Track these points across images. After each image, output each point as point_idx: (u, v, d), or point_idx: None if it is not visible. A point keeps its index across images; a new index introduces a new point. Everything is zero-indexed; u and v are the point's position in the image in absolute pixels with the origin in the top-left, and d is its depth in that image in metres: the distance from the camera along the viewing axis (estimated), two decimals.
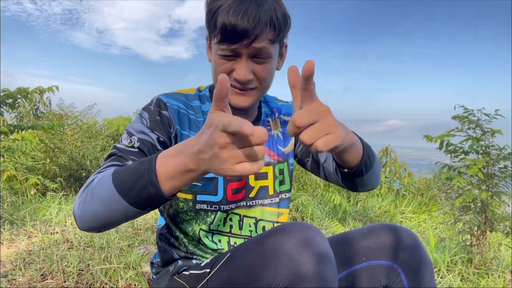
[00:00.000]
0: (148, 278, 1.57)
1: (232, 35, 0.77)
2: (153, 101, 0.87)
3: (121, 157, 0.74)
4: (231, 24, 0.75)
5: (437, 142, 2.28)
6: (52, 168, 4.02)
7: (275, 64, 0.88)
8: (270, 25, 0.78)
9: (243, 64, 0.81)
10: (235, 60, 0.81)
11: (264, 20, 0.77)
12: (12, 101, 3.08)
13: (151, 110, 0.84)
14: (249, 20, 0.75)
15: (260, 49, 0.79)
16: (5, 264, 1.64)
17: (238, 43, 0.78)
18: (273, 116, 1.03)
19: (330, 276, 0.64)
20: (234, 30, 0.76)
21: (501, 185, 2.16)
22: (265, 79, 0.85)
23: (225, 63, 0.82)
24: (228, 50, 0.80)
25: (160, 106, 0.85)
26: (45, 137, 4.05)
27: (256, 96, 0.87)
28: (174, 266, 0.92)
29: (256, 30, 0.76)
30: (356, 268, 0.90)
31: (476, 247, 2.16)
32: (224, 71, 0.82)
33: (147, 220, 2.48)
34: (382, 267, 0.88)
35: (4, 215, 2.45)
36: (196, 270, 0.85)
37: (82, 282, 1.50)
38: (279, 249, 0.64)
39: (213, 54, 0.85)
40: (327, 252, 0.65)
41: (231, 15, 0.75)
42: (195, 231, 0.90)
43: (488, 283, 1.89)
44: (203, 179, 0.87)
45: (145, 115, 0.84)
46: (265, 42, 0.79)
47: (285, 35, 0.86)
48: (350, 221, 3.37)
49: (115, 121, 8.96)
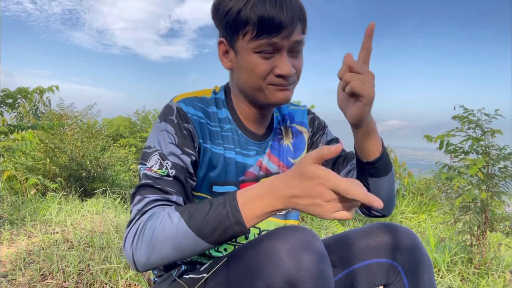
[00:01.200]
0: (148, 278, 1.57)
1: (273, 27, 0.74)
2: (174, 110, 0.81)
3: (161, 190, 0.73)
4: (270, 15, 0.73)
5: (437, 142, 2.28)
6: (52, 168, 4.02)
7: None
8: (300, 17, 0.78)
9: (286, 58, 0.78)
10: (274, 56, 0.78)
11: (297, 11, 0.76)
12: (12, 101, 3.09)
13: (175, 123, 0.80)
14: (288, 11, 0.74)
15: (298, 42, 0.78)
16: (5, 264, 1.64)
17: (279, 36, 0.75)
18: (284, 123, 1.00)
19: (326, 281, 0.63)
20: (273, 21, 0.73)
21: (501, 185, 2.16)
22: (300, 72, 0.84)
23: (264, 61, 0.78)
24: (268, 45, 0.76)
25: (182, 118, 0.80)
26: (45, 137, 4.05)
27: (293, 90, 0.86)
28: (177, 270, 0.91)
29: (293, 21, 0.75)
30: (356, 267, 0.90)
31: (476, 247, 2.16)
32: (265, 70, 0.79)
33: None
34: (382, 265, 0.87)
35: (4, 215, 2.45)
36: (195, 274, 0.85)
37: (82, 282, 1.50)
38: (273, 255, 0.63)
39: (244, 56, 0.80)
40: (322, 256, 0.64)
41: (268, 6, 0.73)
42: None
43: (488, 283, 1.89)
44: (220, 193, 0.85)
45: (170, 129, 0.79)
46: (299, 34, 0.78)
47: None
48: (350, 221, 3.37)
49: (115, 121, 8.96)
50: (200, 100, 0.87)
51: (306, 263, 0.61)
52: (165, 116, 0.81)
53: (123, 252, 0.70)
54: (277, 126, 0.98)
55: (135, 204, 0.72)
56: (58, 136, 4.14)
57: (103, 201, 2.99)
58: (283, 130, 0.99)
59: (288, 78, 0.80)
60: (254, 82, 0.81)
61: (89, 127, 4.85)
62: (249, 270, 0.66)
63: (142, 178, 0.75)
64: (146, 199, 0.72)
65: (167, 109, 0.82)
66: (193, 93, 0.89)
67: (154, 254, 0.65)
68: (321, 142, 1.02)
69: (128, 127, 8.82)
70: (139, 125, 9.15)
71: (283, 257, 0.62)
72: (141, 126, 9.13)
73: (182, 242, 0.65)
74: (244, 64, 0.80)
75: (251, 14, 0.74)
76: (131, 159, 5.93)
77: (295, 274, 0.61)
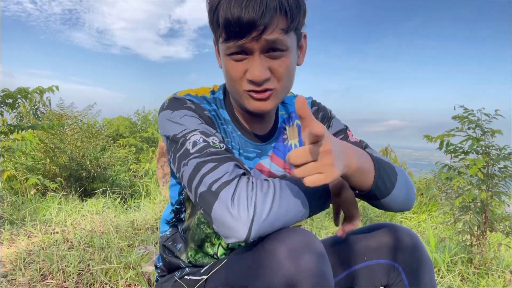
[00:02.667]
0: (148, 278, 1.57)
1: (237, 29, 0.67)
2: (186, 100, 0.78)
3: (228, 158, 0.69)
4: (234, 16, 0.66)
5: (437, 142, 2.28)
6: (52, 168, 4.02)
7: (294, 58, 0.77)
8: (281, 11, 0.68)
9: (257, 61, 0.70)
10: (247, 58, 0.72)
11: (273, 5, 0.67)
12: (12, 101, 3.09)
13: (193, 109, 0.76)
14: (255, 8, 0.65)
15: (273, 41, 0.69)
16: (5, 264, 1.64)
17: (246, 37, 0.68)
18: (290, 122, 0.94)
19: (326, 281, 0.63)
20: (238, 22, 0.66)
21: (501, 185, 2.16)
22: (283, 77, 0.74)
23: (236, 65, 0.72)
24: (236, 47, 0.70)
25: (198, 107, 0.77)
26: (45, 137, 4.05)
27: (277, 98, 0.77)
28: (180, 272, 0.90)
29: (264, 18, 0.66)
30: (356, 268, 0.89)
31: (476, 247, 2.16)
32: (237, 75, 0.73)
33: (147, 220, 2.48)
34: (383, 266, 0.87)
35: (4, 215, 2.45)
36: (196, 276, 0.84)
37: (82, 282, 1.50)
38: (272, 256, 0.62)
39: (222, 58, 0.76)
40: (322, 256, 0.64)
41: (233, 6, 0.66)
42: (214, 245, 0.86)
43: (488, 283, 1.89)
44: None
45: (190, 114, 0.75)
46: (277, 32, 0.69)
47: (301, 23, 0.75)
48: None
49: (115, 121, 8.96)
50: (204, 98, 0.84)
51: (306, 264, 0.61)
52: (177, 106, 0.77)
53: (224, 212, 0.61)
54: (282, 125, 0.93)
55: (209, 172, 0.65)
56: (58, 136, 4.14)
57: (103, 201, 2.99)
58: (288, 129, 0.93)
59: (261, 83, 0.72)
60: (232, 87, 0.77)
61: (89, 127, 4.85)
62: (249, 271, 0.66)
63: (191, 158, 0.68)
64: (224, 167, 0.66)
65: (177, 100, 0.78)
66: (194, 91, 0.85)
67: (277, 212, 0.63)
68: None
69: (128, 127, 8.82)
70: (139, 125, 9.16)
71: (283, 259, 0.61)
72: (141, 126, 9.13)
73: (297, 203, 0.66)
74: (223, 67, 0.77)
75: (220, 15, 0.69)
76: (131, 159, 5.93)
77: (294, 275, 0.60)
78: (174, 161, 0.73)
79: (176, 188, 0.90)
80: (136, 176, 5.28)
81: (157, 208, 2.82)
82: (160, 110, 0.80)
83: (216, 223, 0.63)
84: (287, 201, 0.65)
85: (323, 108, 0.98)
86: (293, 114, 0.95)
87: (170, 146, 0.74)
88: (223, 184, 0.64)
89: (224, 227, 0.62)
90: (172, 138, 0.73)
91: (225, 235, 0.63)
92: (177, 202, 0.91)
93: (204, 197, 0.64)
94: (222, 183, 0.64)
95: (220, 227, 0.63)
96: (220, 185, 0.64)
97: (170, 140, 0.74)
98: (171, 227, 0.94)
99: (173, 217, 0.93)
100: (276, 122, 0.92)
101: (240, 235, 0.61)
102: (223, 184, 0.64)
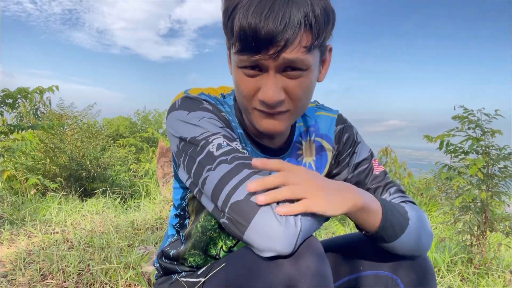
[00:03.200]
0: (148, 278, 1.57)
1: (254, 42, 0.58)
2: (202, 101, 0.72)
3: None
4: (252, 27, 0.57)
5: (437, 142, 2.28)
6: (52, 168, 4.02)
7: (315, 75, 0.68)
8: (305, 26, 0.58)
9: (271, 81, 0.62)
10: (260, 75, 0.64)
11: (297, 19, 0.57)
12: (12, 101, 3.09)
13: (211, 110, 0.70)
14: (276, 21, 0.56)
15: (293, 61, 0.60)
16: (5, 264, 1.64)
17: (262, 53, 0.59)
18: (307, 137, 0.85)
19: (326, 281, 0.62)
20: (255, 35, 0.57)
21: (501, 185, 2.16)
22: (300, 99, 0.66)
23: (248, 81, 0.64)
24: (249, 62, 0.62)
25: (216, 108, 0.72)
26: (45, 137, 4.06)
27: (290, 119, 0.70)
28: (177, 274, 0.89)
29: (286, 33, 0.57)
30: (353, 277, 0.84)
31: (476, 247, 2.16)
32: (248, 91, 0.65)
33: (147, 220, 2.48)
34: (380, 277, 0.81)
35: (4, 215, 2.45)
36: (192, 278, 0.83)
37: (82, 282, 1.50)
38: (273, 257, 0.60)
39: (233, 68, 0.67)
40: (321, 257, 0.62)
41: (251, 14, 0.57)
42: (217, 247, 0.84)
43: (488, 283, 1.89)
44: None
45: (209, 115, 0.69)
46: (299, 50, 0.59)
47: (328, 36, 0.65)
48: (350, 221, 3.37)
49: (115, 121, 8.97)
50: (216, 99, 0.77)
51: (305, 264, 0.61)
52: (193, 106, 0.70)
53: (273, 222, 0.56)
54: (297, 139, 0.84)
55: (245, 180, 0.59)
56: (58, 136, 4.15)
57: (103, 201, 2.99)
58: (305, 145, 0.84)
59: (274, 106, 0.65)
60: (241, 101, 0.70)
61: (89, 127, 4.86)
62: (248, 272, 0.66)
63: (219, 162, 0.62)
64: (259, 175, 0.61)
65: (191, 100, 0.72)
66: (207, 90, 0.78)
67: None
68: (349, 165, 0.85)
69: (128, 127, 8.83)
70: (139, 125, 9.16)
71: (284, 260, 0.60)
72: (141, 126, 9.14)
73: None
74: (233, 78, 0.69)
75: (235, 22, 0.60)
76: (131, 159, 5.94)
77: (294, 275, 0.60)
78: (190, 164, 0.66)
79: (178, 191, 0.88)
80: (136, 176, 5.29)
81: (157, 208, 2.82)
82: (171, 110, 0.73)
83: (255, 235, 0.57)
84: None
85: (349, 128, 0.87)
86: (312, 128, 0.85)
87: (185, 148, 0.68)
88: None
89: (267, 238, 0.56)
90: (190, 141, 0.66)
91: (265, 247, 0.57)
92: (179, 206, 0.89)
93: (241, 206, 0.58)
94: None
95: (261, 239, 0.57)
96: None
97: (186, 142, 0.67)
98: (176, 232, 0.92)
99: (177, 222, 0.91)
100: (291, 135, 0.83)
101: (286, 247, 0.56)
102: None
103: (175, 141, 0.71)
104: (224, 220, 0.62)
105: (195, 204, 0.85)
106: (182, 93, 0.76)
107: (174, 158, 0.78)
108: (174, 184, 0.90)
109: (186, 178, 0.72)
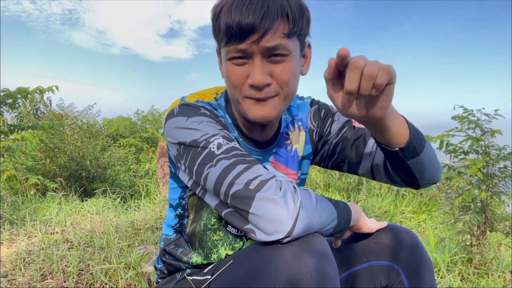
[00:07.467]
0: (148, 278, 1.57)
1: (238, 32, 0.67)
2: (199, 107, 0.77)
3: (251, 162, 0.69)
4: (235, 20, 0.66)
5: (436, 142, 2.28)
6: (52, 168, 4.02)
7: (298, 64, 0.75)
8: (282, 16, 0.68)
9: (258, 66, 0.69)
10: (248, 63, 0.71)
11: (274, 9, 0.67)
12: (12, 101, 3.09)
13: (208, 115, 0.75)
14: (255, 12, 0.66)
15: (274, 46, 0.68)
16: (5, 264, 1.64)
17: (246, 41, 0.68)
18: (294, 125, 0.92)
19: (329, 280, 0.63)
20: (238, 25, 0.66)
21: (501, 185, 2.16)
22: (287, 82, 0.72)
23: (237, 70, 0.71)
24: (236, 51, 0.70)
25: (213, 114, 0.77)
26: (45, 137, 4.06)
27: (280, 105, 0.75)
28: (181, 274, 0.90)
29: (265, 21, 0.66)
30: (356, 269, 0.89)
31: (476, 247, 2.16)
32: (238, 79, 0.72)
33: (147, 220, 2.48)
34: (382, 267, 0.87)
35: (4, 215, 2.45)
36: (199, 276, 0.84)
37: (82, 282, 1.50)
38: (278, 257, 0.62)
39: (223, 64, 0.75)
40: (326, 256, 0.64)
41: (234, 10, 0.67)
42: (220, 254, 0.85)
43: (488, 283, 1.89)
44: None
45: (207, 120, 0.74)
46: (278, 36, 0.68)
47: (305, 30, 0.74)
48: None
49: (115, 121, 8.97)
50: (210, 104, 0.82)
51: (308, 263, 0.61)
52: (191, 112, 0.75)
53: (271, 208, 0.61)
54: (284, 130, 0.91)
55: (243, 172, 0.65)
56: (58, 136, 4.15)
57: (103, 201, 2.99)
58: (291, 134, 0.91)
59: (263, 88, 0.71)
60: (233, 94, 0.76)
61: (89, 127, 4.86)
62: (253, 271, 0.66)
63: (219, 159, 0.67)
64: (256, 168, 0.66)
65: (189, 107, 0.76)
66: (201, 94, 0.84)
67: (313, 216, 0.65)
68: (333, 131, 0.92)
69: (128, 127, 8.83)
70: (139, 125, 9.16)
71: (288, 259, 0.61)
72: (141, 126, 9.14)
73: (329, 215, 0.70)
74: (224, 73, 0.76)
75: (222, 20, 0.69)
76: (131, 159, 5.93)
77: (297, 274, 0.60)
78: (192, 165, 0.70)
79: (176, 191, 0.89)
80: (136, 176, 5.29)
81: (157, 208, 2.81)
82: (170, 117, 0.77)
83: (256, 219, 0.62)
84: (323, 206, 0.68)
85: (323, 105, 0.96)
86: (297, 117, 0.93)
87: (185, 151, 0.72)
88: (262, 182, 0.64)
89: (268, 220, 0.61)
90: (190, 144, 0.71)
91: (267, 229, 0.62)
92: (178, 206, 0.90)
93: (240, 196, 0.63)
94: (262, 181, 0.64)
95: (262, 222, 0.62)
96: (259, 183, 0.63)
97: (186, 146, 0.71)
98: (175, 232, 0.92)
99: (177, 222, 0.91)
100: (279, 127, 0.90)
101: (285, 227, 0.61)
102: (262, 182, 0.63)
103: (175, 146, 0.75)
104: (227, 212, 0.66)
105: (194, 202, 0.85)
106: (179, 100, 0.80)
107: (173, 161, 0.81)
108: (170, 185, 0.91)
109: (188, 179, 0.75)
